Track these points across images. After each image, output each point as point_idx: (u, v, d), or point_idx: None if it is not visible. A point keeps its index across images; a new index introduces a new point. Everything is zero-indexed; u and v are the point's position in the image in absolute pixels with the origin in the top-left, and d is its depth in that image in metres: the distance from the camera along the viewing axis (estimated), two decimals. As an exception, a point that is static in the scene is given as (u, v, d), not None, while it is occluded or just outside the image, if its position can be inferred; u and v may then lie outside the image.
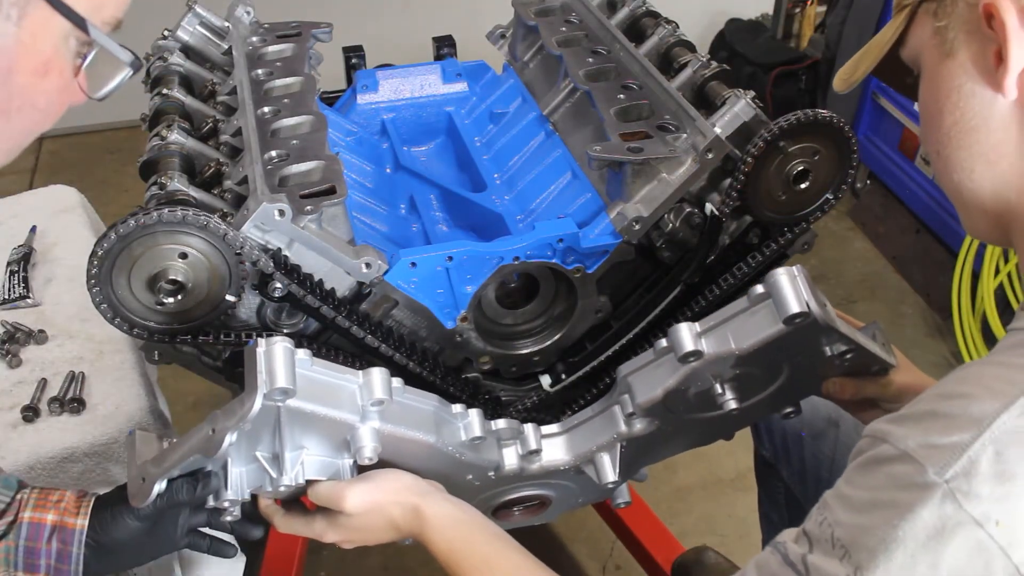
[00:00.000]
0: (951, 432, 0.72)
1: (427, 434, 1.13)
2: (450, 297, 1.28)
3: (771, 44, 3.97)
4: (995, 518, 0.69)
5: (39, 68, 0.72)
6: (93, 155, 3.98)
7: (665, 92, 1.35)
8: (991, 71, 0.78)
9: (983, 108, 0.80)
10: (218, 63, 1.58)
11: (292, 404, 1.01)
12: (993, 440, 0.70)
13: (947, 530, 0.70)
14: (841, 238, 3.35)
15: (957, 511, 0.70)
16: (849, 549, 0.75)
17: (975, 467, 0.70)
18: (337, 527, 1.13)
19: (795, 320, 1.06)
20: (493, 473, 1.25)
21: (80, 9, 0.72)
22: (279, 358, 0.99)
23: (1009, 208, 0.83)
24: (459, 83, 1.69)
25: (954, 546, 0.70)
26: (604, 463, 1.26)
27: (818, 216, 1.34)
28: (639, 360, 1.20)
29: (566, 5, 1.68)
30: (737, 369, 1.13)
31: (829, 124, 1.25)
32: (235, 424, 0.98)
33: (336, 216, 1.20)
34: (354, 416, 1.06)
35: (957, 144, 0.84)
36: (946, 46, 0.82)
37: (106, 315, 1.14)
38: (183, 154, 1.28)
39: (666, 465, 2.48)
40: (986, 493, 0.70)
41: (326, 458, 1.10)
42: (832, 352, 1.16)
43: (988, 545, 0.69)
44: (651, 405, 1.18)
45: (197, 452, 1.02)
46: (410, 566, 2.22)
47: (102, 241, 1.09)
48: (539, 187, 1.44)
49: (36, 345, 1.72)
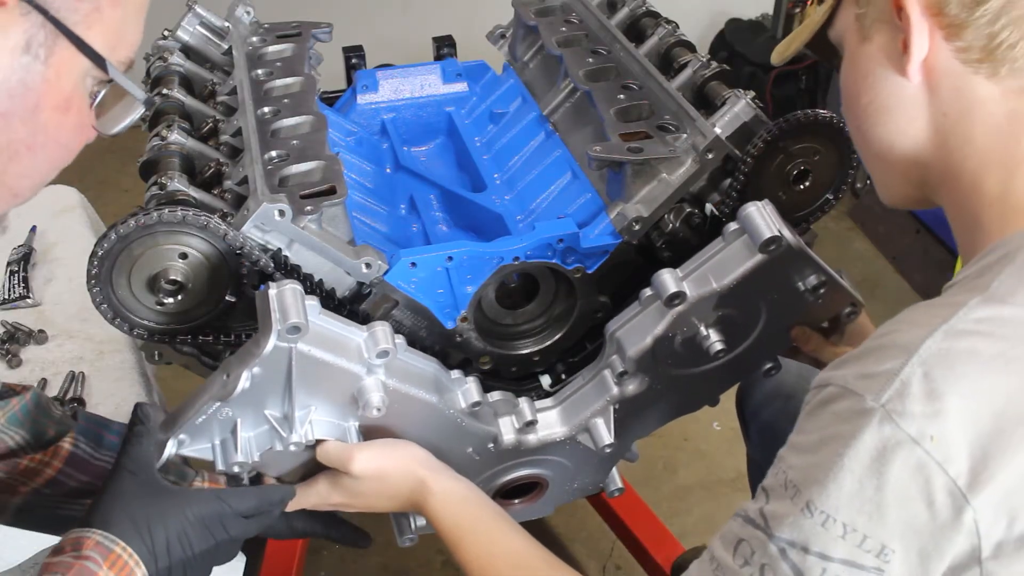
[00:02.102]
0: (883, 361, 0.78)
1: (429, 394, 1.16)
2: (450, 297, 1.28)
3: (771, 44, 3.94)
4: (929, 434, 0.74)
5: (61, 104, 0.76)
6: (93, 155, 3.94)
7: (665, 92, 1.35)
8: (899, 58, 0.86)
9: (895, 90, 0.88)
10: (218, 63, 1.58)
11: (303, 348, 1.03)
12: (921, 363, 0.75)
13: (888, 450, 0.75)
14: (841, 238, 3.35)
15: (895, 431, 0.74)
16: (800, 487, 0.79)
17: (907, 388, 0.75)
18: (340, 489, 1.14)
19: (769, 247, 1.12)
20: (492, 445, 1.27)
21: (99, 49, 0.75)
22: (290, 299, 1.03)
23: (926, 172, 0.91)
24: (459, 83, 1.69)
25: (896, 466, 0.74)
26: (599, 427, 1.30)
27: (818, 216, 1.34)
28: (626, 314, 1.24)
29: (566, 5, 1.68)
30: (719, 310, 1.19)
31: (829, 124, 1.25)
32: (251, 363, 1.01)
33: (336, 216, 1.20)
34: (360, 368, 1.08)
35: (874, 122, 0.92)
36: (864, 31, 0.91)
37: (106, 315, 1.14)
38: (183, 154, 1.28)
39: (666, 465, 2.49)
40: (919, 411, 0.74)
41: (333, 420, 1.12)
42: (805, 287, 1.20)
43: (926, 461, 0.74)
44: (640, 355, 1.22)
45: (214, 399, 1.04)
46: (410, 566, 2.22)
47: (102, 241, 1.09)
48: (539, 187, 1.44)
49: (36, 345, 1.72)
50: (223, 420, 1.08)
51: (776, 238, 1.12)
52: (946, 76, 0.85)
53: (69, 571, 0.87)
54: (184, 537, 0.97)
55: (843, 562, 0.76)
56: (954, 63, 0.85)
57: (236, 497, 1.04)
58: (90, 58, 0.75)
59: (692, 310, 1.19)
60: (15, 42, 0.70)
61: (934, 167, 0.90)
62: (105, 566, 0.89)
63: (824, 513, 0.77)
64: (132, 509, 0.96)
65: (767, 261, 1.15)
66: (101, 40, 0.76)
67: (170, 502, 0.99)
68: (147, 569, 0.93)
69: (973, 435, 0.74)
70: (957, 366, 0.75)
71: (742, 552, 0.82)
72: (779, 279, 1.19)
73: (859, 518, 0.76)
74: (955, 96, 0.86)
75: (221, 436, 1.10)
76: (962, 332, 0.76)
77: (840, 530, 0.76)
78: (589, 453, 1.35)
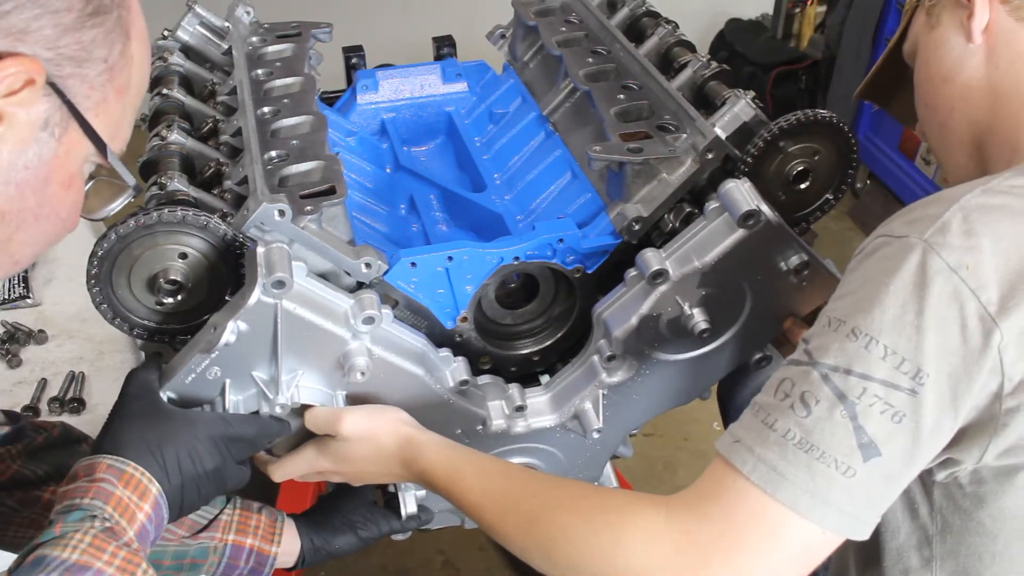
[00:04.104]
0: (927, 209, 0.89)
1: (416, 367, 1.18)
2: (450, 297, 1.28)
3: (771, 44, 3.97)
4: (965, 263, 0.84)
5: (66, 181, 0.82)
6: (93, 155, 3.97)
7: (665, 92, 1.35)
8: (964, 29, 1.02)
9: (959, 57, 1.03)
10: (218, 63, 1.58)
11: (288, 306, 1.06)
12: (960, 208, 0.87)
13: (928, 278, 0.84)
14: (841, 238, 3.35)
15: (935, 260, 0.84)
16: (845, 319, 0.88)
17: (947, 227, 0.86)
18: (328, 453, 1.17)
19: (748, 220, 1.14)
20: (481, 427, 1.28)
21: (102, 136, 0.82)
22: (277, 256, 1.06)
23: (982, 135, 1.04)
24: (459, 83, 1.69)
25: (935, 292, 0.84)
26: (588, 412, 1.31)
27: (818, 216, 1.34)
28: (611, 296, 1.26)
29: (566, 5, 1.68)
30: (703, 289, 1.21)
31: (829, 124, 1.25)
32: (236, 314, 1.04)
33: (336, 216, 1.20)
34: (346, 332, 1.11)
35: (940, 92, 1.06)
36: (932, 21, 1.06)
37: (106, 315, 1.14)
38: (183, 154, 1.28)
39: (666, 465, 2.49)
40: (957, 243, 0.85)
41: (321, 388, 1.15)
42: (788, 267, 1.21)
43: (961, 288, 0.84)
44: (627, 336, 1.23)
45: (201, 351, 1.06)
46: (410, 566, 2.22)
47: (102, 241, 1.09)
48: (539, 187, 1.44)
49: (36, 345, 1.73)
50: (212, 381, 1.10)
51: (755, 212, 1.14)
52: (1002, 33, 1.00)
53: (86, 494, 0.91)
54: (194, 453, 1.02)
55: (882, 382, 0.84)
56: (1008, 21, 1.00)
57: (239, 421, 1.09)
58: (95, 143, 0.81)
59: (676, 289, 1.21)
60: (36, 118, 0.77)
61: (984, 124, 1.03)
62: (120, 485, 0.93)
63: (868, 336, 0.85)
64: (141, 431, 1.00)
65: (747, 237, 1.16)
66: (104, 128, 0.82)
67: (178, 423, 1.03)
68: (160, 486, 0.97)
69: (1004, 270, 0.84)
70: (992, 213, 0.87)
71: (783, 389, 0.89)
72: (761, 257, 1.20)
73: (900, 340, 0.84)
74: (1008, 47, 1.00)
75: (210, 398, 1.11)
76: (997, 191, 0.89)
77: (881, 351, 0.84)
78: (580, 444, 1.36)
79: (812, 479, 0.84)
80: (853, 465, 0.84)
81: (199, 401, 1.11)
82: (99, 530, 0.87)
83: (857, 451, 0.84)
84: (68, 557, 0.83)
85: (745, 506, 0.86)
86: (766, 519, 0.85)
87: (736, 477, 0.87)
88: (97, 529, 0.87)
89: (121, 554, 0.86)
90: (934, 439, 0.86)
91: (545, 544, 0.97)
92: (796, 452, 0.85)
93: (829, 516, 0.85)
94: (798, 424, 0.86)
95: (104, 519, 0.89)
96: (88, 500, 0.90)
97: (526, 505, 1.01)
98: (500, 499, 1.04)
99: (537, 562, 0.98)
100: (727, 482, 0.88)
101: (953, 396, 0.85)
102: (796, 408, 0.87)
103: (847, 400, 0.85)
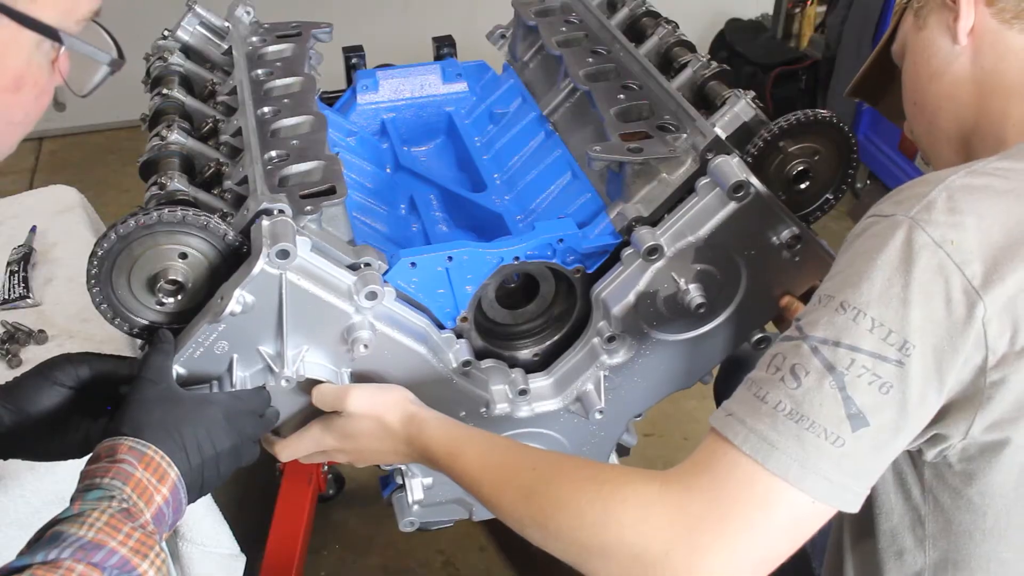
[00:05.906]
0: (914, 188, 0.92)
1: (418, 345, 1.20)
2: (450, 297, 1.28)
3: (771, 44, 3.97)
4: (950, 238, 0.86)
5: (10, 84, 0.74)
6: (93, 155, 3.97)
7: (665, 92, 1.35)
8: (950, 31, 1.05)
9: (946, 57, 1.06)
10: (218, 63, 1.58)
11: (292, 278, 1.08)
12: (946, 187, 0.90)
13: (914, 252, 0.87)
14: (841, 238, 3.32)
15: (921, 235, 0.87)
16: (834, 294, 0.90)
17: (933, 204, 0.89)
18: (334, 431, 1.19)
19: (738, 192, 1.17)
20: (484, 410, 1.29)
21: (50, 18, 0.72)
22: (281, 228, 1.08)
23: (968, 131, 1.07)
24: (459, 83, 1.69)
25: (921, 266, 0.86)
26: (590, 394, 1.32)
27: (818, 216, 1.34)
28: (609, 275, 1.27)
29: (566, 5, 1.68)
30: (698, 264, 1.24)
31: (829, 124, 1.25)
32: (242, 283, 1.06)
33: (336, 216, 1.20)
34: (350, 306, 1.13)
35: (927, 90, 1.09)
36: (920, 22, 1.09)
37: (106, 315, 1.14)
38: (183, 154, 1.28)
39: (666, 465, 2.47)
40: (942, 220, 0.87)
41: (326, 364, 1.17)
42: (780, 241, 1.23)
43: (946, 263, 0.86)
44: (625, 314, 1.26)
45: (208, 321, 1.08)
46: (410, 566, 2.22)
47: (102, 241, 1.09)
48: (539, 187, 1.44)
49: (36, 345, 1.72)
50: (220, 355, 1.11)
51: (744, 183, 1.16)
52: (986, 34, 1.03)
53: (107, 474, 0.92)
54: (212, 433, 1.03)
55: (870, 354, 0.86)
56: (992, 23, 1.02)
57: (249, 397, 1.12)
58: (37, 31, 0.72)
59: (671, 265, 1.23)
60: None
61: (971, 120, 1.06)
62: (140, 467, 0.94)
63: (856, 308, 0.87)
64: (159, 414, 1.01)
65: (738, 210, 1.19)
66: (52, 7, 0.72)
67: (193, 405, 1.04)
68: (180, 468, 0.98)
69: (987, 246, 0.86)
70: (976, 192, 0.90)
71: (775, 363, 0.91)
72: (753, 231, 1.22)
73: (887, 312, 0.86)
74: (992, 48, 1.03)
75: (218, 374, 1.13)
76: (982, 172, 0.92)
77: (869, 324, 0.86)
78: (585, 429, 1.37)
79: (802, 448, 0.86)
80: (842, 435, 0.86)
81: (208, 377, 1.13)
82: (116, 510, 0.88)
83: (846, 421, 0.86)
84: (84, 535, 0.84)
85: (736, 476, 0.88)
86: (757, 489, 0.87)
87: (728, 448, 0.89)
88: (114, 509, 0.88)
89: (136, 535, 0.87)
90: (921, 410, 0.88)
91: (540, 516, 0.97)
92: (786, 422, 0.87)
93: (819, 485, 0.86)
94: (788, 395, 0.88)
95: (122, 500, 0.90)
96: (108, 480, 0.91)
97: (523, 478, 1.01)
98: (498, 473, 1.05)
99: (533, 534, 0.99)
100: (719, 454, 0.89)
101: (938, 368, 0.86)
102: (787, 380, 0.88)
103: (836, 371, 0.86)
